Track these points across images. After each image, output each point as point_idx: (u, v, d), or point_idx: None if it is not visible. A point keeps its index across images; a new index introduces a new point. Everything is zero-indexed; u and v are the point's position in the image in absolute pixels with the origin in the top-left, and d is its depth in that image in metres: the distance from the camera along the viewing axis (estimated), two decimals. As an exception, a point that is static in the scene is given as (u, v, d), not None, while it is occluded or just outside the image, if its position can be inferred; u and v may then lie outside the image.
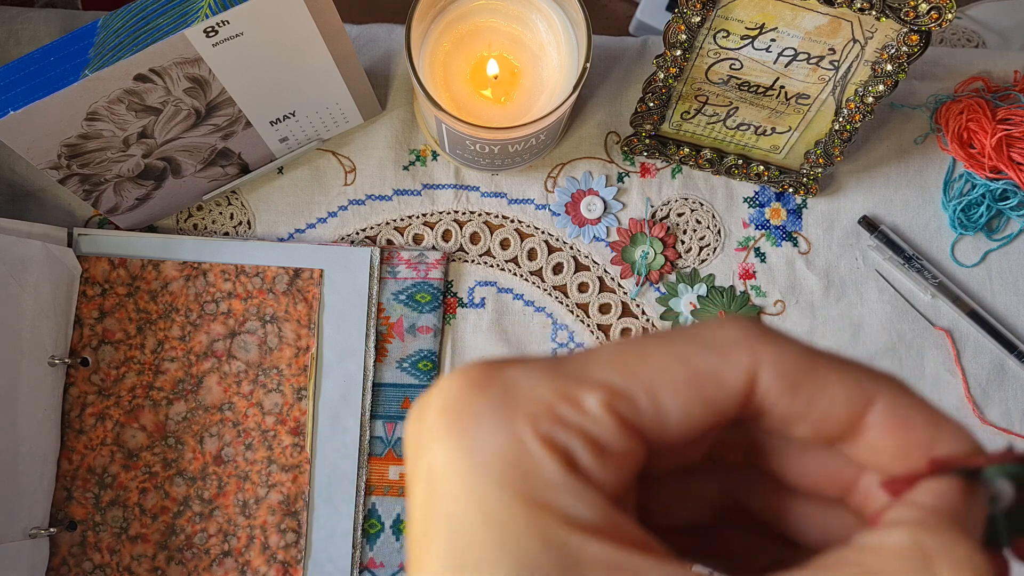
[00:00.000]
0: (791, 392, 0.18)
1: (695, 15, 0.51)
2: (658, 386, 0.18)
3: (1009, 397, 0.62)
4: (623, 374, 0.18)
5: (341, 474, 0.59)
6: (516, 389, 0.18)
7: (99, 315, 0.59)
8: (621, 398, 0.18)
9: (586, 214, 0.63)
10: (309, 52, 0.53)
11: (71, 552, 0.57)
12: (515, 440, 0.17)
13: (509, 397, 0.17)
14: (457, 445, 0.17)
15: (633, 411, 0.18)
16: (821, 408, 0.18)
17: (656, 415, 0.18)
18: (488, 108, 0.58)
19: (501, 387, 0.18)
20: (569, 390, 0.17)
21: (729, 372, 0.18)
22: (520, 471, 0.17)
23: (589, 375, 0.18)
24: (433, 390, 0.18)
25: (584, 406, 0.17)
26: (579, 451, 0.17)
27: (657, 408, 0.18)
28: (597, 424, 0.17)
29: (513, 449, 0.17)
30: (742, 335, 0.18)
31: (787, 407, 0.18)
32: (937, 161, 0.65)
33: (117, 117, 0.51)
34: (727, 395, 0.18)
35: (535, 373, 0.18)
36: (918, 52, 0.50)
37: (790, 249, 0.64)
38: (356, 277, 0.61)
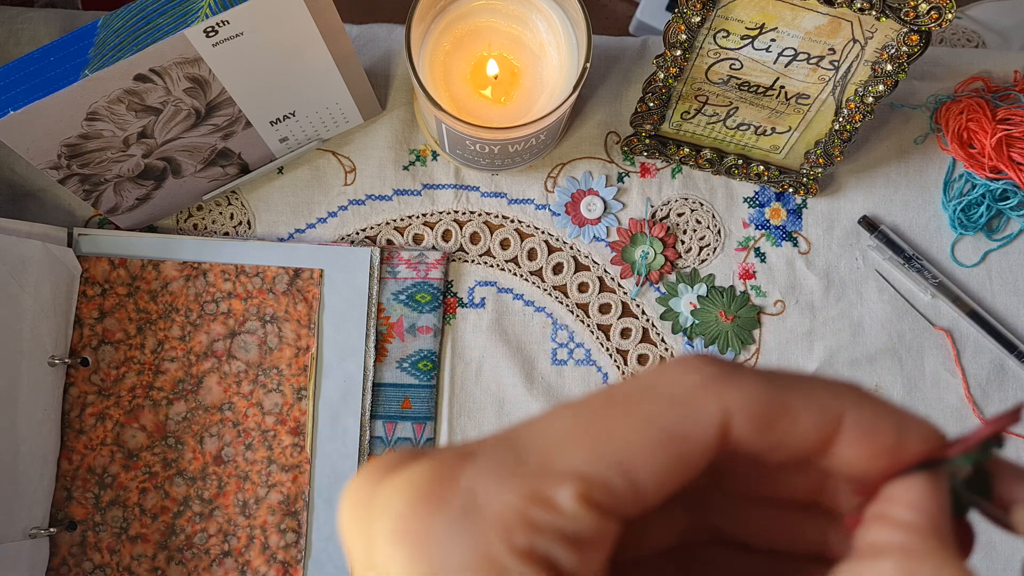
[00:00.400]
0: (764, 431, 0.18)
1: (695, 15, 0.51)
2: (631, 462, 0.17)
3: (1009, 397, 0.62)
4: (591, 457, 0.17)
5: (341, 474, 0.59)
6: (477, 500, 0.16)
7: (99, 315, 0.59)
8: (595, 487, 0.16)
9: (586, 214, 0.63)
10: (309, 52, 0.53)
11: (71, 552, 0.57)
12: (489, 560, 0.16)
13: (472, 512, 0.16)
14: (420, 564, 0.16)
15: (609, 496, 0.16)
16: (794, 438, 0.18)
17: (632, 492, 0.17)
18: (488, 108, 0.58)
19: (460, 501, 0.16)
20: (537, 490, 0.16)
21: (699, 427, 0.17)
22: None
23: (555, 465, 0.16)
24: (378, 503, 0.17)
25: (557, 505, 0.16)
26: (560, 554, 0.16)
27: (633, 485, 0.17)
28: (574, 521, 0.16)
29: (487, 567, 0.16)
30: (705, 381, 0.17)
31: (760, 444, 0.18)
32: (937, 161, 0.65)
33: (117, 117, 0.51)
34: (700, 450, 0.17)
35: (494, 475, 0.16)
36: (918, 52, 0.50)
37: (790, 249, 0.64)
38: (356, 277, 0.61)
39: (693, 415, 0.17)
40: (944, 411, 0.62)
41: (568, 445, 0.17)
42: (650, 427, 0.17)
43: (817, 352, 0.63)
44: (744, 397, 0.17)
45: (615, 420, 0.17)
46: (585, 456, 0.17)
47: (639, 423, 0.17)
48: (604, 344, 0.63)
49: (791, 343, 0.63)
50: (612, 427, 0.17)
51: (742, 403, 0.17)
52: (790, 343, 0.63)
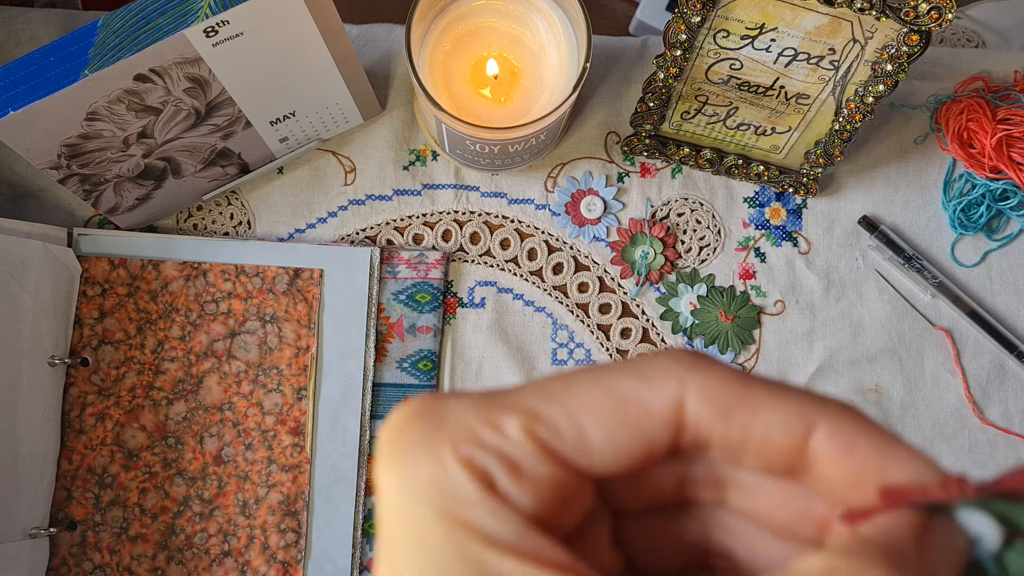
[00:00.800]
0: (722, 417, 0.18)
1: (695, 15, 0.51)
2: (580, 412, 0.18)
3: (1009, 397, 0.62)
4: (546, 401, 0.18)
5: (341, 474, 0.59)
6: (446, 416, 0.18)
7: (99, 315, 0.59)
8: (541, 422, 0.18)
9: (586, 214, 0.63)
10: (309, 52, 0.53)
11: (71, 552, 0.57)
12: (438, 462, 0.18)
13: (438, 424, 0.18)
14: (393, 470, 0.18)
15: (553, 436, 0.18)
16: (757, 434, 0.18)
17: (578, 441, 0.18)
18: (488, 108, 0.58)
19: (433, 415, 0.18)
20: (491, 415, 0.18)
21: (654, 398, 0.18)
22: (441, 491, 0.17)
23: (513, 402, 0.18)
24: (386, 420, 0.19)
25: (504, 430, 0.18)
26: (497, 472, 0.18)
27: (579, 434, 0.18)
28: (515, 447, 0.18)
29: (436, 471, 0.18)
30: (671, 363, 0.18)
31: (722, 434, 0.18)
32: (937, 161, 0.65)
33: (117, 117, 0.51)
34: (653, 421, 0.18)
35: (466, 402, 0.18)
36: (918, 52, 0.50)
37: (790, 249, 0.64)
38: (356, 277, 0.61)
39: (650, 388, 0.18)
40: (944, 411, 0.62)
41: (530, 392, 0.18)
42: (605, 391, 0.18)
43: (817, 352, 0.63)
44: (704, 378, 0.18)
45: (577, 383, 0.18)
46: (541, 400, 0.18)
47: (597, 388, 0.18)
48: (604, 344, 0.63)
49: (791, 343, 0.63)
50: (574, 385, 0.18)
51: (700, 384, 0.18)
52: (790, 343, 0.63)
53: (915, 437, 0.62)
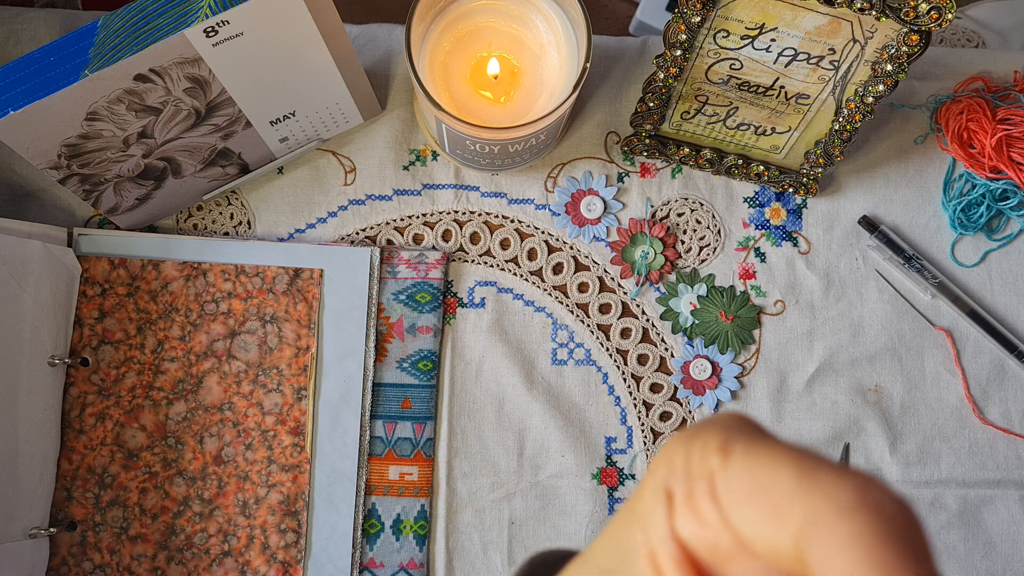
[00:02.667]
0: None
1: (695, 15, 0.51)
2: (756, 476, 0.17)
3: (1009, 397, 0.62)
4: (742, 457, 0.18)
5: (341, 474, 0.59)
6: (699, 435, 0.19)
7: (99, 315, 0.59)
8: (724, 470, 0.18)
9: (586, 214, 0.63)
10: (309, 52, 0.53)
11: (71, 552, 0.57)
12: (670, 457, 0.19)
13: (694, 434, 0.19)
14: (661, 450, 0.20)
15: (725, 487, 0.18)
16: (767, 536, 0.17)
17: (737, 505, 0.17)
18: (488, 108, 0.58)
19: (711, 426, 0.19)
20: (706, 442, 0.18)
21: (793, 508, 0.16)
22: (659, 479, 0.19)
23: (728, 447, 0.18)
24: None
25: (706, 459, 0.18)
26: (677, 488, 0.18)
27: (737, 500, 0.17)
28: (699, 479, 0.18)
29: (664, 470, 0.19)
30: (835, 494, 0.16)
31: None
32: (937, 161, 0.65)
33: (117, 117, 0.51)
34: (786, 534, 0.16)
35: (725, 428, 0.19)
36: (918, 52, 0.50)
37: (790, 249, 0.64)
38: (356, 277, 0.61)
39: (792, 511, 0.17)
40: (944, 411, 0.62)
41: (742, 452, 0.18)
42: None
43: (817, 352, 0.63)
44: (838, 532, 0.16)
45: (777, 457, 0.17)
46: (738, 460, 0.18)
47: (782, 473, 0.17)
48: (604, 344, 0.63)
49: (791, 343, 0.63)
50: (768, 454, 0.17)
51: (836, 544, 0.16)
52: (790, 343, 0.63)
53: (915, 437, 0.62)
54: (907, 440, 0.62)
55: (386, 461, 0.60)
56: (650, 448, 0.62)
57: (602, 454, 0.61)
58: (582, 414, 0.62)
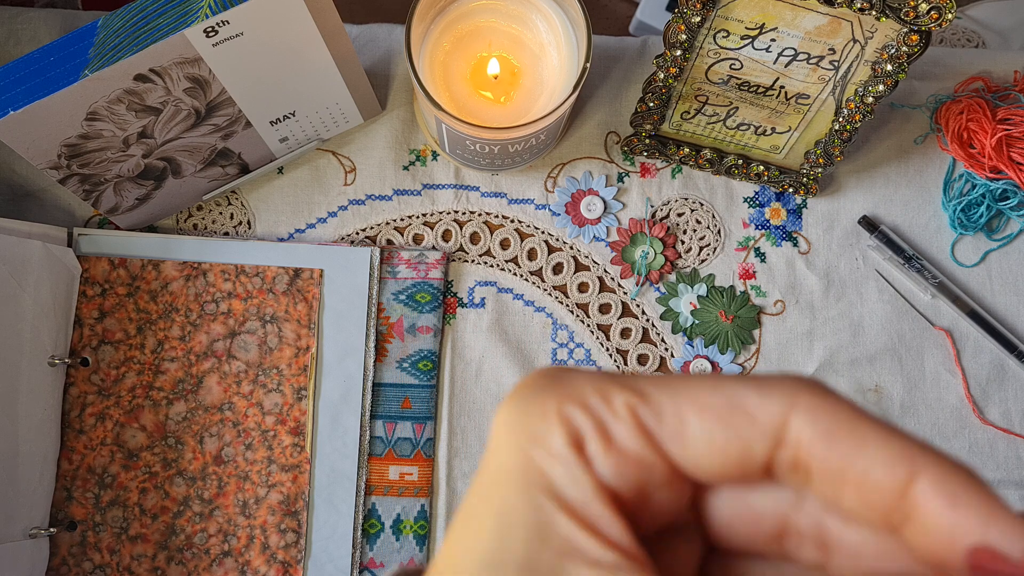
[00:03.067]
0: (825, 441, 0.17)
1: (695, 15, 0.51)
2: (686, 403, 0.18)
3: (1009, 397, 0.62)
4: (657, 387, 0.19)
5: (341, 474, 0.59)
6: (564, 378, 0.19)
7: (99, 315, 0.59)
8: (647, 403, 0.18)
9: (586, 214, 0.63)
10: (309, 52, 0.53)
11: (71, 552, 0.57)
12: (540, 411, 0.18)
13: (554, 383, 0.19)
14: (503, 412, 0.19)
15: (654, 418, 0.18)
16: (859, 467, 0.17)
17: (677, 429, 0.18)
18: (488, 108, 0.58)
19: (553, 376, 0.19)
20: (604, 387, 0.19)
21: (761, 407, 0.18)
22: (532, 437, 0.18)
23: (629, 382, 0.19)
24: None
25: (611, 401, 0.18)
26: (589, 436, 0.18)
27: (679, 422, 0.18)
28: (615, 418, 0.18)
29: (536, 419, 0.18)
30: (788, 382, 0.18)
31: (823, 460, 0.17)
32: (937, 161, 0.65)
33: (117, 117, 0.51)
34: (755, 428, 0.18)
35: (589, 373, 0.19)
36: (918, 52, 0.50)
37: (790, 249, 0.64)
38: (356, 277, 0.61)
39: (759, 397, 0.18)
40: (944, 411, 0.62)
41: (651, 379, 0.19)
42: (717, 392, 0.18)
43: (817, 352, 0.63)
44: (814, 401, 0.18)
45: (696, 380, 0.19)
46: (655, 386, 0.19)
47: (708, 387, 0.18)
48: (604, 344, 0.63)
49: (791, 343, 0.63)
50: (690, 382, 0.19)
51: (810, 404, 0.18)
52: (790, 343, 0.63)
53: (915, 437, 0.62)
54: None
55: (386, 461, 0.60)
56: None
57: (602, 454, 0.61)
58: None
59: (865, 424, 0.17)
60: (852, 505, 0.18)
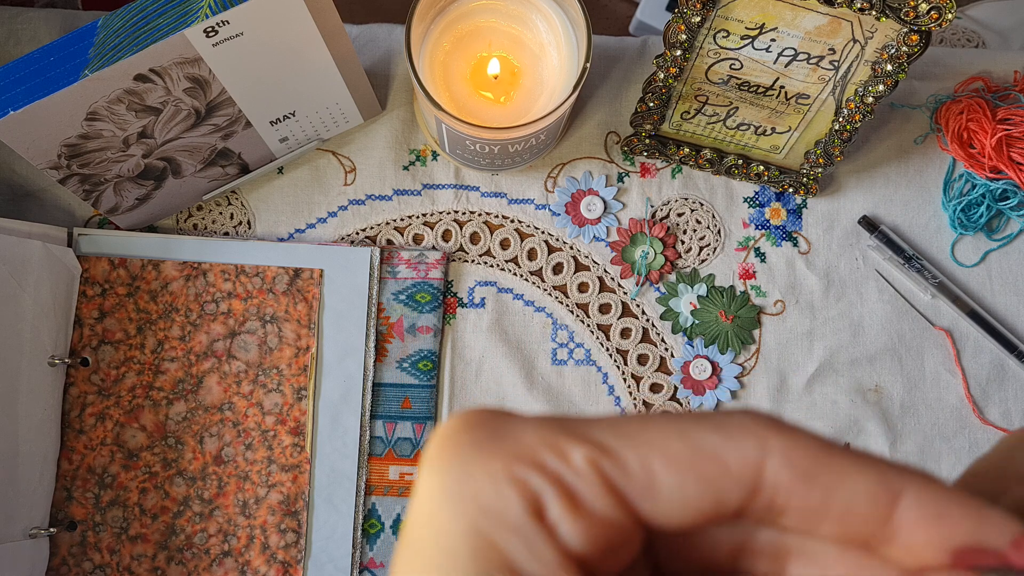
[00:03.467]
0: (804, 482, 0.17)
1: (695, 15, 0.51)
2: (653, 455, 0.17)
3: (1009, 397, 0.62)
4: (617, 436, 0.17)
5: (341, 474, 0.59)
6: (505, 431, 0.17)
7: (99, 315, 0.59)
8: (609, 456, 0.17)
9: (586, 214, 0.63)
10: (309, 52, 0.53)
11: (71, 552, 0.57)
12: (487, 476, 0.16)
13: (496, 437, 0.17)
14: (437, 472, 0.17)
15: (621, 474, 0.17)
16: (842, 501, 0.17)
17: (647, 484, 0.17)
18: (488, 108, 0.58)
19: (492, 428, 0.17)
20: (557, 439, 0.17)
21: (733, 453, 0.17)
22: (482, 506, 0.16)
23: (582, 431, 0.17)
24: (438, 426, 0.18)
25: (568, 457, 0.17)
26: (550, 500, 0.16)
27: (649, 476, 0.17)
28: (577, 477, 0.16)
29: (483, 484, 0.16)
30: (752, 422, 0.17)
31: (803, 499, 0.17)
32: (937, 161, 0.65)
33: (117, 117, 0.51)
34: (729, 478, 0.17)
35: (531, 422, 0.18)
36: (918, 52, 0.50)
37: (790, 249, 0.64)
38: (356, 277, 0.61)
39: (729, 442, 0.17)
40: (944, 411, 0.62)
41: (603, 425, 0.17)
42: (682, 437, 0.17)
43: (817, 352, 0.63)
44: (787, 441, 0.17)
45: (653, 424, 0.17)
46: (612, 434, 0.17)
47: (673, 432, 0.17)
48: (604, 344, 0.63)
49: (791, 343, 0.63)
50: (649, 426, 0.17)
51: (783, 446, 0.17)
52: (790, 343, 0.63)
53: (915, 437, 0.62)
54: (907, 440, 0.62)
55: (386, 461, 0.60)
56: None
57: (602, 454, 0.61)
58: (582, 414, 0.62)
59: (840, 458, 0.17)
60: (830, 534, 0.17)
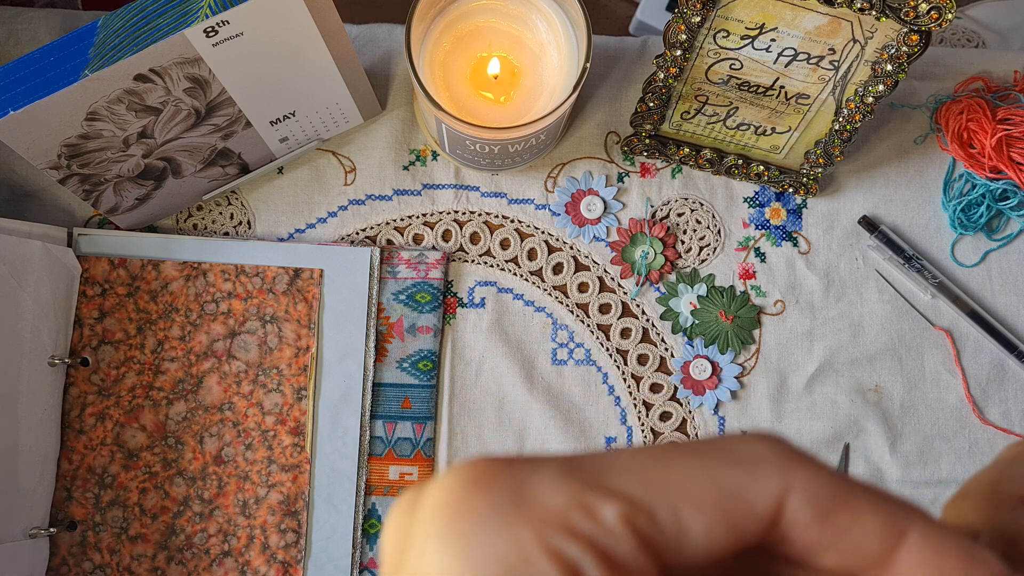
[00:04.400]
0: (821, 520, 0.16)
1: (695, 15, 0.51)
2: (681, 502, 0.16)
3: (1009, 397, 0.62)
4: (644, 486, 0.16)
5: (341, 474, 0.59)
6: (524, 490, 0.16)
7: (99, 315, 0.59)
8: (641, 512, 0.16)
9: (586, 214, 0.63)
10: (309, 52, 0.53)
11: (71, 552, 0.57)
12: (518, 549, 0.15)
13: (516, 499, 0.16)
14: (454, 549, 0.15)
15: (653, 527, 0.16)
16: (852, 539, 0.17)
17: (676, 534, 0.16)
18: (488, 108, 0.58)
19: (507, 487, 0.16)
20: (584, 498, 0.16)
21: (757, 492, 0.16)
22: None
23: (608, 482, 0.16)
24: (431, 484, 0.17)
25: (600, 517, 0.16)
26: (589, 568, 0.15)
27: (678, 526, 0.16)
28: (613, 539, 0.16)
29: (515, 559, 0.15)
30: (773, 454, 0.17)
31: (816, 536, 0.17)
32: (937, 161, 0.65)
33: (117, 117, 0.51)
34: (753, 518, 0.16)
35: (547, 474, 0.16)
36: (918, 52, 0.50)
37: (790, 249, 0.64)
38: (356, 277, 0.61)
39: (753, 481, 0.16)
40: (944, 411, 0.62)
41: (625, 472, 0.17)
42: (708, 479, 0.16)
43: (817, 352, 0.63)
44: (809, 478, 0.17)
45: (675, 464, 0.17)
46: (639, 483, 0.16)
47: (697, 473, 0.16)
48: (604, 344, 0.63)
49: (791, 343, 0.63)
50: (671, 468, 0.17)
51: (805, 483, 0.17)
52: (790, 343, 0.63)
53: (915, 437, 0.62)
54: (907, 440, 0.62)
55: (386, 461, 0.60)
56: (650, 448, 0.62)
57: (602, 454, 0.61)
58: (582, 414, 0.62)
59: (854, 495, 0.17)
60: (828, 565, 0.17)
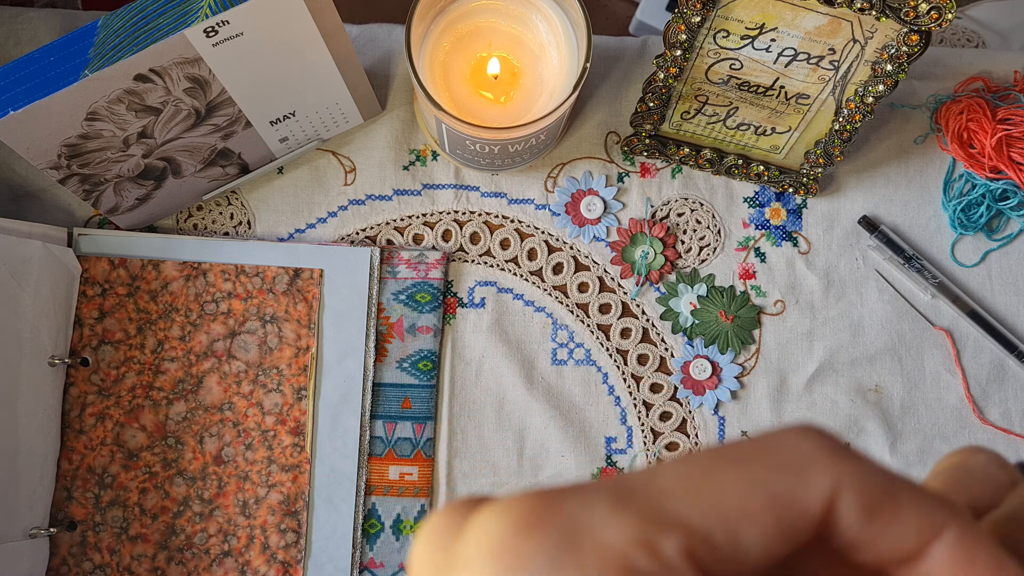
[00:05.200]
0: (868, 518, 0.16)
1: (695, 15, 0.51)
2: (738, 522, 0.16)
3: (1009, 397, 0.62)
4: (701, 510, 0.16)
5: (341, 474, 0.59)
6: (579, 530, 0.15)
7: (99, 315, 0.59)
8: (701, 541, 0.15)
9: (586, 214, 0.63)
10: (309, 52, 0.53)
11: (71, 552, 0.57)
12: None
13: (572, 542, 0.15)
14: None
15: (712, 555, 0.15)
16: (892, 536, 0.16)
17: (734, 554, 0.16)
18: (488, 108, 0.58)
19: (560, 527, 0.15)
20: (643, 533, 0.15)
21: (810, 496, 0.16)
22: None
23: (664, 510, 0.15)
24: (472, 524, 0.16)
25: (662, 553, 0.15)
26: None
27: (736, 547, 0.16)
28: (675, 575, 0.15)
29: None
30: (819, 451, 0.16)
31: (858, 533, 0.16)
32: (937, 161, 0.65)
33: (117, 117, 0.51)
34: (807, 521, 0.16)
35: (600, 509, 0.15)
36: (918, 52, 0.50)
37: (790, 249, 0.64)
38: (356, 277, 0.61)
39: (804, 484, 0.16)
40: (944, 411, 0.62)
41: (678, 493, 0.16)
42: (759, 489, 0.16)
43: (817, 352, 0.63)
44: (856, 474, 0.16)
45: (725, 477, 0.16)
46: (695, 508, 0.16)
47: (748, 484, 0.16)
48: (604, 344, 0.63)
49: (791, 343, 0.63)
50: (722, 484, 0.16)
51: (853, 480, 0.16)
52: (790, 343, 0.63)
53: (915, 437, 0.62)
54: (907, 440, 0.62)
55: (386, 461, 0.60)
56: (650, 448, 0.62)
57: (602, 454, 0.61)
58: (582, 414, 0.62)
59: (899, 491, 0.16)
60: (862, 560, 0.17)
